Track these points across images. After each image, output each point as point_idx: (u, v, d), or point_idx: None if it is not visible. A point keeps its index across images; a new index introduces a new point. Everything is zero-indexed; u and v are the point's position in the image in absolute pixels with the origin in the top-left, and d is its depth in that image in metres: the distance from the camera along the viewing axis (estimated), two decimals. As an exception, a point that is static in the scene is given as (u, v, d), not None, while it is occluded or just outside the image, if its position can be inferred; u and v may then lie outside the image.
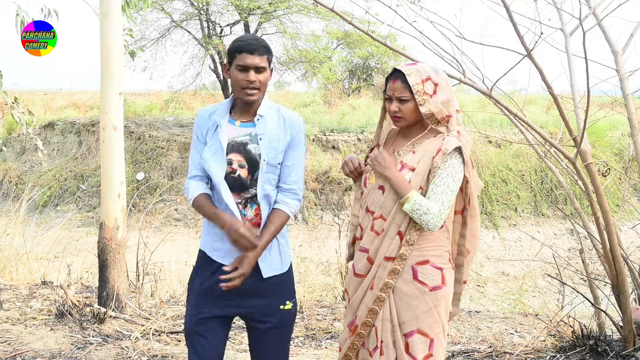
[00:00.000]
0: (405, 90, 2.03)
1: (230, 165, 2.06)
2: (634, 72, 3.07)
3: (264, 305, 2.12)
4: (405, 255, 2.05)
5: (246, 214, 2.10)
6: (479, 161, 12.08)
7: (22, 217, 5.90)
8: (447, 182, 2.01)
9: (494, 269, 10.43)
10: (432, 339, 2.06)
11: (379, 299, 2.07)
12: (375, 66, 19.61)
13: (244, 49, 1.99)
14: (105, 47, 3.91)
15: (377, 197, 2.11)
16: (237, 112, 2.12)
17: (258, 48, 2.01)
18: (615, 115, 3.70)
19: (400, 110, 2.06)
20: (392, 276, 2.06)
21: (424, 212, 1.99)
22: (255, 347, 2.21)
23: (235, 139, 2.08)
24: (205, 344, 2.09)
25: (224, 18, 15.30)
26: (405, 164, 2.07)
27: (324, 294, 5.53)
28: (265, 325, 2.13)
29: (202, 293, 2.11)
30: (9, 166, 14.48)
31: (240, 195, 2.09)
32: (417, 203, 1.99)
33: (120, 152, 3.97)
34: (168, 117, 15.76)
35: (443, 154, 2.00)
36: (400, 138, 2.20)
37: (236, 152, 2.07)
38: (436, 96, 2.03)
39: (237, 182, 2.08)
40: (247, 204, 2.11)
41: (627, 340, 3.02)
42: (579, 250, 3.45)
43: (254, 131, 2.10)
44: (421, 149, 2.08)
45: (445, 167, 2.01)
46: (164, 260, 5.51)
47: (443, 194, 2.00)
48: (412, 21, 2.67)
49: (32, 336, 3.60)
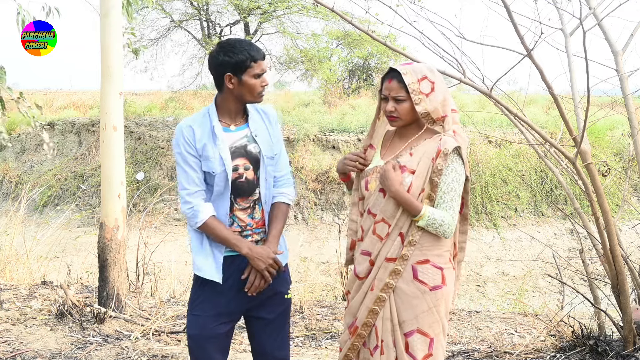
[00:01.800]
0: (401, 90, 2.03)
1: (237, 171, 2.09)
2: (634, 72, 3.07)
3: (272, 295, 2.19)
4: (407, 255, 2.05)
5: (254, 217, 2.15)
6: (479, 161, 12.07)
7: (22, 217, 5.90)
8: (454, 187, 2.02)
9: (494, 269, 10.43)
10: (431, 339, 2.07)
11: (379, 299, 2.07)
12: (375, 66, 19.60)
13: (257, 57, 2.06)
14: (105, 47, 3.91)
15: (378, 200, 2.11)
16: (226, 117, 2.14)
17: (263, 53, 2.09)
18: (615, 115, 3.70)
19: (396, 110, 2.06)
20: (394, 276, 2.05)
21: (439, 224, 2.01)
22: (258, 339, 2.24)
23: (235, 144, 2.12)
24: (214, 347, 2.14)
25: (224, 18, 15.33)
26: (404, 166, 2.06)
27: (324, 294, 5.53)
28: (271, 314, 2.20)
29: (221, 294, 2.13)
30: (9, 166, 14.48)
31: (247, 199, 2.14)
32: (431, 218, 2.00)
33: (120, 152, 3.97)
34: (168, 117, 15.76)
35: (444, 155, 2.00)
36: (397, 139, 2.19)
37: (239, 157, 2.11)
38: (432, 95, 2.02)
39: (244, 186, 2.12)
40: (254, 207, 2.16)
41: (627, 340, 3.02)
42: (579, 250, 3.45)
43: (248, 132, 2.15)
44: (418, 151, 2.07)
45: (449, 171, 2.02)
46: (164, 260, 5.51)
47: (452, 200, 2.02)
48: (412, 21, 2.67)
49: (32, 336, 3.60)
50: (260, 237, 2.18)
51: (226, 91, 2.10)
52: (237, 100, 2.11)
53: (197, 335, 2.12)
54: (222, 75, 2.07)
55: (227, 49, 2.05)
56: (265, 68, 2.08)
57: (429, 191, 2.03)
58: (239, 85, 2.07)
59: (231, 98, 2.11)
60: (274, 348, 2.23)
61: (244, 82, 2.06)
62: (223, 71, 2.06)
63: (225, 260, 2.12)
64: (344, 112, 14.87)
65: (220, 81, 2.09)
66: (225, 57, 2.04)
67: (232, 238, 2.07)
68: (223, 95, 2.13)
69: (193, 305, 2.17)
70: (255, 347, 2.27)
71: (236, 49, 2.05)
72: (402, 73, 2.02)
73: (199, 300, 2.15)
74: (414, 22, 2.67)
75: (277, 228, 2.17)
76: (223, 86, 2.10)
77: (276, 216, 2.18)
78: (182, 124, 2.12)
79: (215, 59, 2.07)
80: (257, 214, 2.16)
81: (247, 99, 2.11)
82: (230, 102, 2.12)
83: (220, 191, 2.10)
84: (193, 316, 2.15)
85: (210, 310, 2.12)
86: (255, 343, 2.26)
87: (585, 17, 2.59)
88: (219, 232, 2.07)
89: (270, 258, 2.07)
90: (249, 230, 2.15)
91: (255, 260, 2.07)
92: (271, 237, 2.15)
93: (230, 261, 2.12)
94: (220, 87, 2.12)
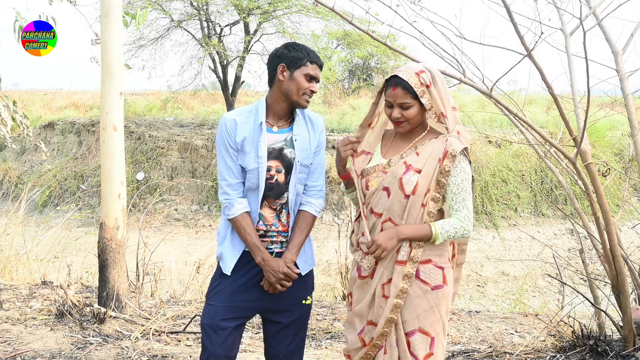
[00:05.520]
0: (406, 96, 2.04)
1: (269, 172, 2.11)
2: (634, 72, 3.07)
3: (290, 299, 2.18)
4: (416, 257, 2.05)
5: (281, 219, 2.17)
6: (479, 161, 12.07)
7: (22, 217, 5.90)
8: (464, 187, 2.04)
9: (494, 269, 10.43)
10: (432, 338, 2.07)
11: (396, 306, 2.05)
12: (375, 66, 19.61)
13: (316, 61, 2.12)
14: (105, 47, 3.91)
15: (382, 199, 2.09)
16: (270, 117, 2.17)
17: (322, 62, 2.15)
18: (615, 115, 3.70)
19: (402, 116, 2.06)
20: (407, 280, 2.05)
21: (455, 233, 2.04)
22: (272, 342, 2.24)
23: (273, 145, 2.13)
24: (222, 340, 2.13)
25: (224, 18, 15.29)
26: (410, 165, 2.06)
27: (323, 294, 5.53)
28: (288, 319, 2.19)
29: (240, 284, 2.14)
30: (9, 166, 14.48)
31: (275, 201, 2.15)
32: (446, 233, 2.02)
33: (120, 152, 3.97)
34: (168, 117, 15.77)
35: (451, 157, 2.01)
36: (398, 139, 2.19)
37: (274, 159, 2.12)
38: (433, 86, 2.05)
39: (274, 188, 2.14)
40: (281, 210, 2.17)
41: (627, 340, 3.02)
42: (579, 250, 3.45)
43: (289, 135, 2.16)
44: (425, 150, 2.08)
45: (457, 172, 2.03)
46: (164, 260, 5.50)
47: (465, 200, 2.04)
48: (412, 21, 2.67)
49: (32, 336, 3.60)
50: (285, 240, 2.18)
51: (276, 85, 2.13)
52: (284, 97, 2.13)
53: (207, 325, 2.12)
54: (276, 67, 2.10)
55: (290, 45, 2.13)
56: (318, 75, 2.13)
57: (434, 192, 2.03)
58: (289, 80, 2.10)
59: (279, 94, 2.13)
60: (287, 353, 2.22)
61: (295, 78, 2.09)
62: (278, 61, 2.10)
63: (246, 255, 2.14)
64: (343, 112, 14.89)
65: (274, 73, 2.12)
66: (285, 50, 2.12)
67: (252, 242, 2.09)
68: (272, 91, 2.15)
69: (210, 295, 2.19)
70: (269, 348, 2.26)
71: (298, 47, 2.12)
72: (400, 75, 2.04)
73: (216, 290, 2.17)
74: (414, 22, 2.67)
75: (300, 238, 2.16)
76: (275, 79, 2.13)
77: (300, 225, 2.18)
78: (226, 115, 2.17)
79: (275, 51, 2.14)
80: (283, 218, 2.17)
81: (292, 97, 2.11)
82: (277, 100, 2.14)
83: (251, 187, 2.12)
84: (208, 305, 2.17)
85: (224, 302, 2.13)
86: (268, 345, 2.26)
87: (586, 17, 2.59)
88: (244, 230, 2.10)
89: (282, 272, 2.07)
90: (274, 232, 2.16)
91: (267, 272, 2.08)
92: (291, 246, 2.15)
93: (251, 257, 2.14)
94: (272, 82, 2.15)
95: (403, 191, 2.04)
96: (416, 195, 2.03)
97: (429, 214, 2.04)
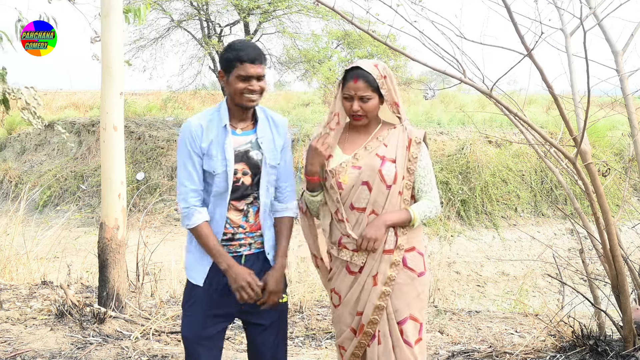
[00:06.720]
0: (367, 89, 2.08)
1: (235, 175, 2.08)
2: (634, 72, 3.07)
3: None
4: (402, 245, 2.11)
5: (248, 219, 2.13)
6: (479, 161, 12.07)
7: (22, 217, 5.89)
8: (429, 169, 2.18)
9: (494, 269, 10.42)
10: (421, 324, 2.15)
11: (384, 294, 2.10)
12: (375, 66, 19.54)
13: (245, 59, 1.99)
14: (105, 47, 3.91)
15: (363, 194, 2.13)
16: (233, 119, 2.12)
17: (259, 57, 2.02)
18: (615, 115, 3.70)
19: (361, 109, 2.10)
20: (394, 268, 2.10)
21: (430, 212, 2.15)
22: (256, 345, 2.22)
23: (238, 148, 2.09)
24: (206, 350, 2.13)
25: (224, 18, 15.29)
26: (384, 156, 2.13)
27: (323, 294, 5.52)
28: (268, 320, 2.17)
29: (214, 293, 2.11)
30: (9, 166, 14.47)
31: (240, 202, 2.11)
32: (422, 213, 2.13)
33: (120, 152, 3.97)
34: (168, 117, 15.75)
35: (416, 144, 2.14)
36: (354, 134, 2.21)
37: (239, 162, 2.08)
38: (387, 77, 2.13)
39: (239, 190, 2.10)
40: (248, 210, 2.13)
41: (627, 340, 3.02)
42: (579, 250, 3.45)
43: (254, 137, 2.12)
44: (391, 141, 2.15)
45: (422, 157, 2.15)
46: (164, 260, 5.50)
47: (432, 182, 2.18)
48: (412, 21, 2.66)
49: (32, 336, 3.60)
50: (254, 241, 2.15)
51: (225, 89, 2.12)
52: (231, 100, 2.09)
53: (189, 337, 2.12)
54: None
55: (226, 47, 2.07)
56: (253, 72, 2.00)
57: (406, 180, 2.13)
58: (228, 84, 2.06)
59: (228, 98, 2.11)
60: (270, 354, 2.21)
61: (230, 82, 2.04)
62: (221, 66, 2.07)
63: (215, 264, 2.09)
64: (343, 112, 14.82)
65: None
66: (222, 53, 2.08)
67: (215, 250, 2.04)
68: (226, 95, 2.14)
69: (185, 306, 2.18)
70: (252, 351, 2.25)
71: (231, 48, 2.04)
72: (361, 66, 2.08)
73: (190, 302, 2.16)
74: (415, 22, 2.67)
75: (284, 243, 2.16)
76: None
77: (282, 232, 2.17)
78: (191, 120, 2.09)
79: (219, 55, 2.12)
80: (251, 217, 2.13)
81: (236, 100, 2.06)
82: (230, 103, 2.11)
83: (219, 192, 2.07)
84: (186, 316, 2.16)
85: (201, 312, 2.11)
86: (251, 347, 2.25)
87: (586, 17, 2.59)
88: (205, 240, 2.05)
89: (245, 281, 2.01)
90: (241, 234, 2.12)
91: (230, 278, 2.03)
92: (280, 253, 2.14)
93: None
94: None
95: (385, 182, 2.09)
96: (396, 184, 2.10)
97: (404, 201, 2.13)
